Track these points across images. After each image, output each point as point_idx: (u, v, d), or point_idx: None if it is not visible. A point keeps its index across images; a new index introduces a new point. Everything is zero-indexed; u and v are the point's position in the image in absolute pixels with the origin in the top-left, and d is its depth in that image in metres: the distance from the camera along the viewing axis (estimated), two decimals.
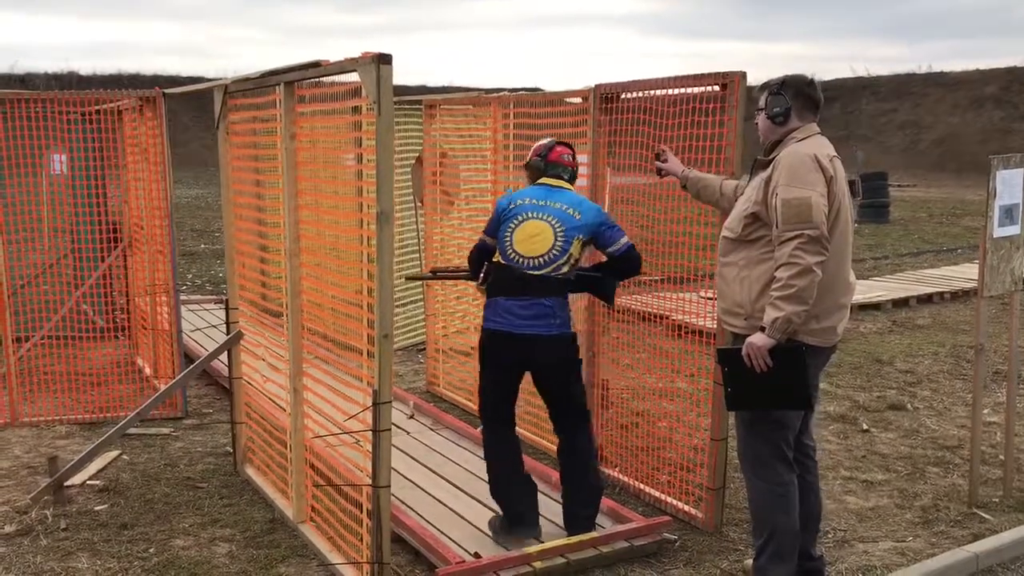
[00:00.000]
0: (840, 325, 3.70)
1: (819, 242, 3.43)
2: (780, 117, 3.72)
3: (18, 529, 4.53)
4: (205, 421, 6.34)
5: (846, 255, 3.69)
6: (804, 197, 3.45)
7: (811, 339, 3.60)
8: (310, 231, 4.34)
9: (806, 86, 3.74)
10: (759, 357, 3.51)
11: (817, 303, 3.51)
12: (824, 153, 3.61)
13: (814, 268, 3.42)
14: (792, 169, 3.53)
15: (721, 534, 4.54)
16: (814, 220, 3.42)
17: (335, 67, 3.75)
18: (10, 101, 6.37)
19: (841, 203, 3.61)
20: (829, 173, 3.56)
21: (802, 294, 3.42)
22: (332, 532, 4.20)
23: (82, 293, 7.70)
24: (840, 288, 3.66)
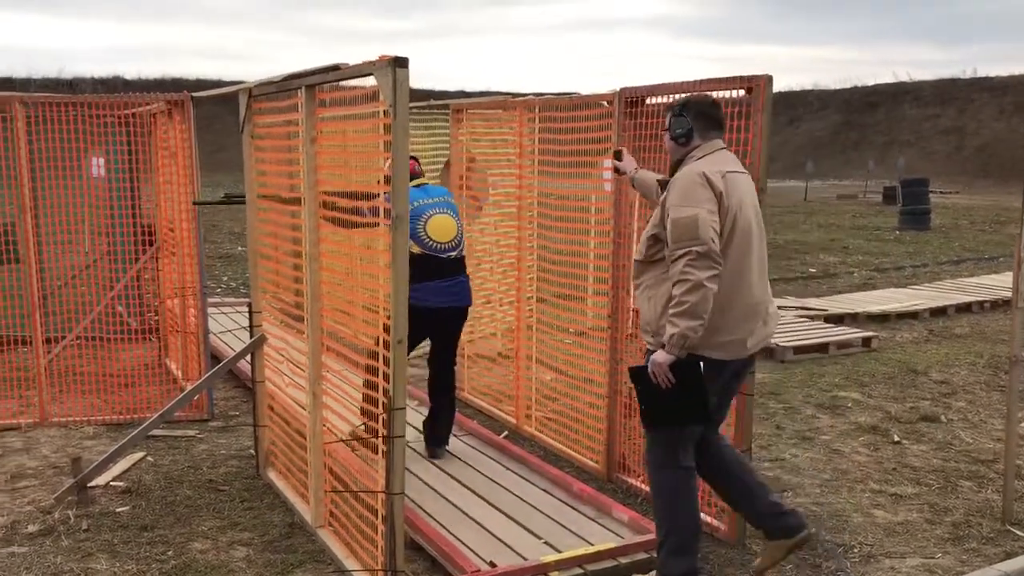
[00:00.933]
0: (751, 339, 3.73)
1: (708, 257, 3.50)
2: (682, 137, 3.83)
3: (41, 529, 4.57)
4: (231, 423, 6.37)
5: (747, 268, 3.70)
6: (692, 215, 3.54)
7: (716, 353, 3.67)
8: (330, 235, 4.32)
9: (708, 106, 3.85)
10: (661, 374, 3.60)
11: (718, 317, 3.58)
12: (716, 170, 3.67)
13: (705, 283, 3.48)
14: (682, 188, 3.64)
15: (743, 546, 4.45)
16: (701, 236, 3.50)
17: (353, 70, 3.74)
18: (43, 104, 6.45)
19: (738, 216, 3.65)
20: (719, 189, 3.61)
21: (695, 309, 3.48)
22: (349, 538, 4.18)
23: (115, 294, 7.78)
24: (742, 302, 3.69)
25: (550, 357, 6.00)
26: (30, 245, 6.21)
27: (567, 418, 5.73)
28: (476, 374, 6.96)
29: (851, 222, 22.92)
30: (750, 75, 4.20)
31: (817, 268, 14.72)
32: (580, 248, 5.70)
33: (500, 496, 4.88)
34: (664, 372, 3.59)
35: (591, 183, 5.77)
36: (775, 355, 8.21)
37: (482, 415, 6.61)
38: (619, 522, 4.51)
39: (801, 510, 4.20)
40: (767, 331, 3.82)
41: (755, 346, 3.78)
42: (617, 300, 5.17)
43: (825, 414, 6.67)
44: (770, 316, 3.84)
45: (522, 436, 6.13)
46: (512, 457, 5.47)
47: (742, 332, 3.70)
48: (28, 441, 5.93)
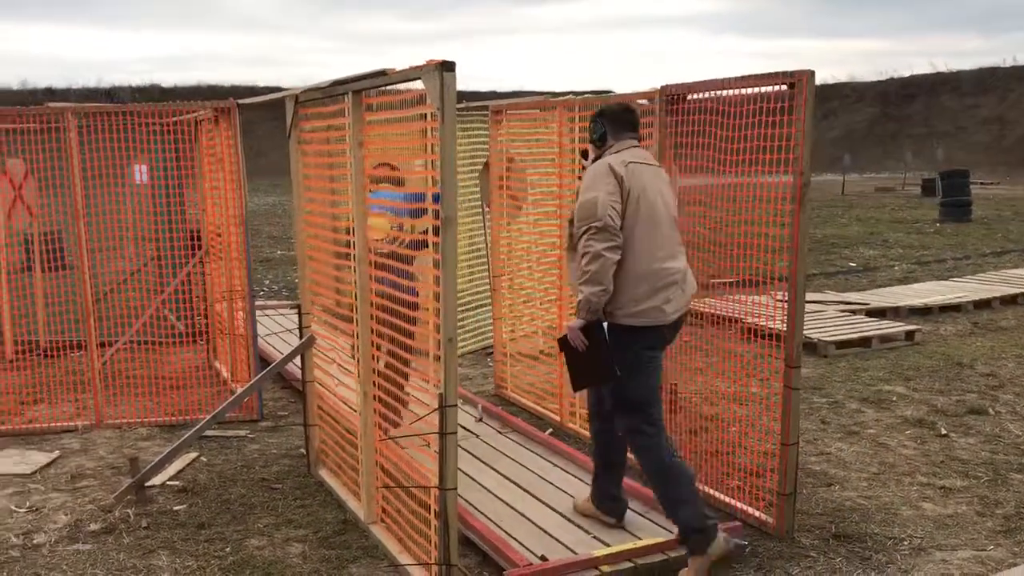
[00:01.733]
0: (669, 305, 4.10)
1: (606, 231, 3.94)
2: (599, 140, 4.31)
3: (103, 527, 4.71)
4: (280, 424, 6.49)
5: (655, 245, 4.09)
6: (593, 197, 4.01)
7: (637, 320, 4.06)
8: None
9: (621, 112, 4.34)
10: (574, 337, 4.03)
11: (631, 289, 4.02)
12: (621, 160, 4.13)
13: (604, 253, 3.93)
14: (589, 178, 4.15)
15: (793, 540, 4.47)
16: (599, 214, 3.95)
17: (400, 75, 3.81)
18: (93, 114, 6.61)
19: (641, 199, 4.07)
20: (619, 175, 4.06)
21: (596, 276, 3.93)
22: (402, 533, 4.26)
23: (163, 299, 7.95)
24: (654, 274, 4.07)
25: None
26: (83, 252, 6.36)
27: (547, 384, 5.75)
28: (519, 372, 7.02)
29: (890, 215, 22.68)
30: (792, 71, 4.22)
31: (857, 262, 14.60)
32: None
33: (547, 492, 4.94)
34: (576, 336, 4.02)
35: None
36: (817, 350, 8.19)
37: (525, 412, 6.67)
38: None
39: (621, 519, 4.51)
40: (686, 298, 4.22)
41: (676, 311, 4.14)
42: None
43: (870, 408, 6.65)
44: (687, 284, 4.23)
45: (566, 433, 6.18)
46: (558, 453, 5.53)
47: (659, 300, 4.07)
48: (85, 442, 6.09)
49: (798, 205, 4.25)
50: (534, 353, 6.93)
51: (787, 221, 4.38)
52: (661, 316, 4.08)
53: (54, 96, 42.59)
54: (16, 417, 6.56)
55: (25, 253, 8.53)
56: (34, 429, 6.33)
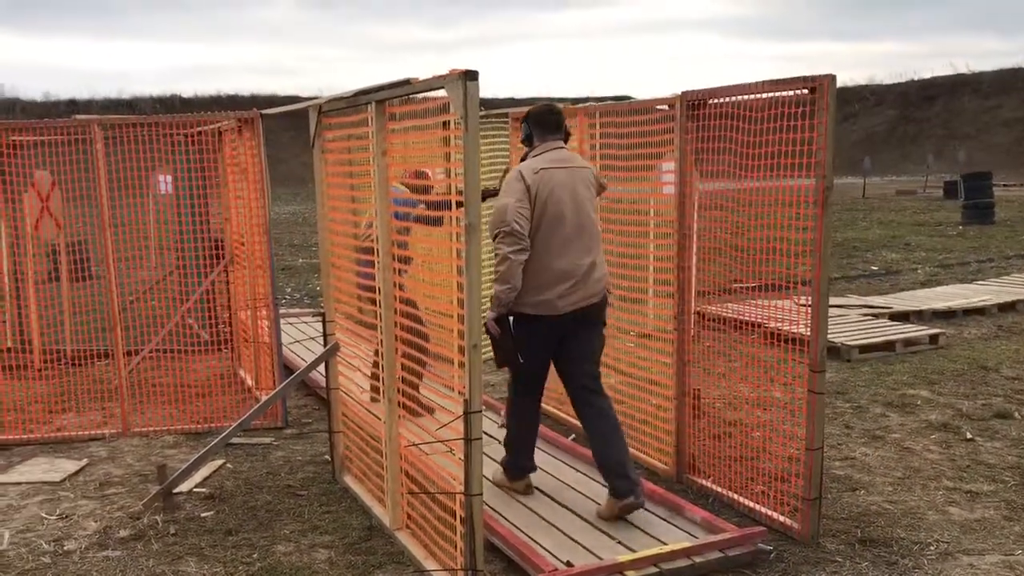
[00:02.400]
0: (562, 301, 4.52)
1: (513, 235, 4.36)
2: (526, 141, 4.71)
3: (132, 534, 4.76)
4: (304, 431, 6.54)
5: (554, 245, 4.47)
6: (503, 204, 4.42)
7: (532, 310, 4.50)
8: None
9: (544, 113, 4.65)
10: (491, 328, 4.49)
11: (531, 283, 4.45)
12: (531, 167, 4.50)
13: (510, 256, 4.36)
14: (505, 184, 4.56)
15: (818, 545, 4.46)
16: (507, 220, 4.36)
17: (424, 84, 3.84)
18: (119, 126, 6.70)
19: (548, 204, 4.44)
20: (528, 183, 4.44)
21: (504, 276, 4.37)
22: (427, 539, 4.28)
23: (187, 308, 8.03)
24: (549, 271, 4.47)
25: (615, 360, 6.05)
26: (110, 262, 6.44)
27: (634, 420, 5.77)
28: None
29: (912, 218, 22.54)
30: (813, 75, 4.22)
31: (879, 265, 14.52)
32: (642, 251, 5.75)
33: (571, 497, 4.95)
34: (492, 326, 4.49)
35: (651, 186, 5.83)
36: (840, 354, 8.16)
37: (547, 418, 6.68)
38: (692, 521, 4.55)
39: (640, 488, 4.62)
40: (583, 293, 4.57)
41: (568, 306, 4.54)
42: (683, 302, 5.21)
43: (894, 412, 6.62)
44: (587, 281, 4.57)
45: None
46: (581, 459, 5.53)
47: (552, 294, 4.49)
48: (113, 450, 6.16)
49: (821, 209, 4.25)
50: None
51: (808, 225, 4.38)
52: (554, 309, 4.51)
53: (77, 107, 43.05)
54: (45, 426, 6.64)
55: (52, 264, 8.64)
56: (62, 437, 6.41)
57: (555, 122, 4.63)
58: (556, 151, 4.59)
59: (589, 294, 4.59)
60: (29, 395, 7.11)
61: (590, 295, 4.59)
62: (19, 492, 5.42)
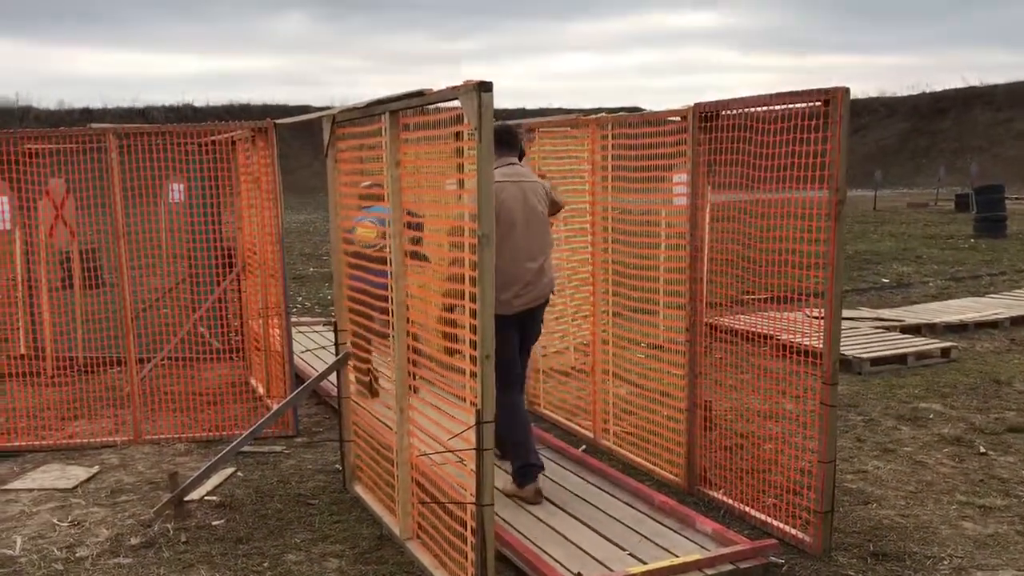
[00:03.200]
0: (517, 300, 4.93)
1: None
2: None
3: (143, 541, 4.77)
4: (315, 439, 6.54)
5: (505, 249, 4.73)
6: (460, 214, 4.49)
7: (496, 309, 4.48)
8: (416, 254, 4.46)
9: (500, 133, 4.79)
10: None
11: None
12: None
13: None
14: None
15: (830, 558, 4.43)
16: None
17: (437, 96, 3.86)
18: (134, 135, 6.74)
19: (500, 213, 4.60)
20: None
21: None
22: (438, 549, 4.28)
23: (199, 316, 8.06)
24: (503, 274, 4.59)
25: (626, 371, 6.05)
26: (124, 270, 6.47)
27: (645, 431, 5.77)
28: (551, 388, 7.03)
29: (923, 231, 22.46)
30: (826, 88, 4.22)
31: (890, 278, 14.47)
32: (653, 263, 5.75)
33: (582, 509, 4.94)
34: None
35: (663, 197, 5.83)
36: (852, 367, 8.13)
37: (557, 429, 6.68)
38: (703, 534, 4.53)
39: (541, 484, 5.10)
40: (534, 294, 5.03)
41: (521, 305, 4.95)
42: (695, 313, 5.21)
43: (906, 426, 6.59)
44: (538, 284, 5.02)
45: (599, 449, 6.18)
46: (592, 470, 5.53)
47: (509, 294, 4.85)
48: (124, 458, 6.18)
49: (834, 221, 4.25)
50: (566, 369, 6.95)
51: (820, 237, 4.37)
52: (508, 307, 4.85)
53: (91, 116, 43.32)
54: (57, 432, 6.67)
55: (65, 271, 8.69)
56: (74, 444, 6.43)
57: (508, 141, 5.03)
58: (509, 166, 4.98)
59: (538, 295, 5.09)
60: (41, 402, 7.14)
61: (539, 296, 5.10)
62: (31, 498, 5.44)
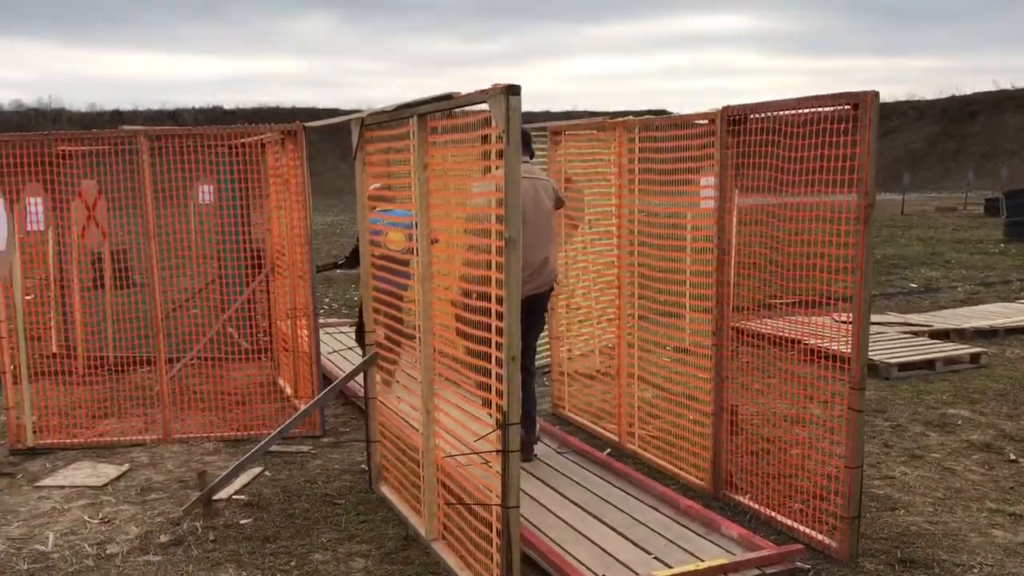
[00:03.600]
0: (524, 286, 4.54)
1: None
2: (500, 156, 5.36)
3: (172, 539, 4.83)
4: (342, 440, 6.59)
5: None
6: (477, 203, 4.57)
7: None
8: (441, 256, 4.49)
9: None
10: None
11: None
12: None
13: None
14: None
15: (857, 564, 4.41)
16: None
17: (466, 99, 3.88)
18: (163, 137, 6.82)
19: None
20: None
21: None
22: (463, 551, 4.30)
23: (228, 317, 8.14)
24: None
25: (652, 374, 6.04)
26: (154, 271, 6.55)
27: (671, 435, 5.76)
28: (576, 391, 7.03)
29: (952, 235, 22.23)
30: (856, 91, 4.20)
31: (918, 283, 14.34)
32: (680, 266, 5.75)
33: (607, 512, 4.94)
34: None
35: (689, 201, 5.82)
36: (880, 372, 8.06)
37: (583, 432, 6.68)
38: (728, 538, 4.52)
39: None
40: (538, 282, 5.37)
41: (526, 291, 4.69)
42: (722, 317, 5.19)
43: (934, 432, 6.53)
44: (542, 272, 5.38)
45: (624, 453, 6.18)
46: (617, 474, 5.53)
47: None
48: (154, 456, 6.25)
49: (863, 225, 4.23)
50: (591, 373, 6.95)
51: (848, 241, 4.35)
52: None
53: (121, 118, 43.82)
54: (88, 431, 6.76)
55: (95, 271, 8.80)
56: (104, 443, 6.52)
57: (524, 141, 5.14)
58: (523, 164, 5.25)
59: (542, 283, 5.44)
60: (73, 400, 7.24)
61: (543, 284, 5.46)
62: (63, 495, 5.52)
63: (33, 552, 4.71)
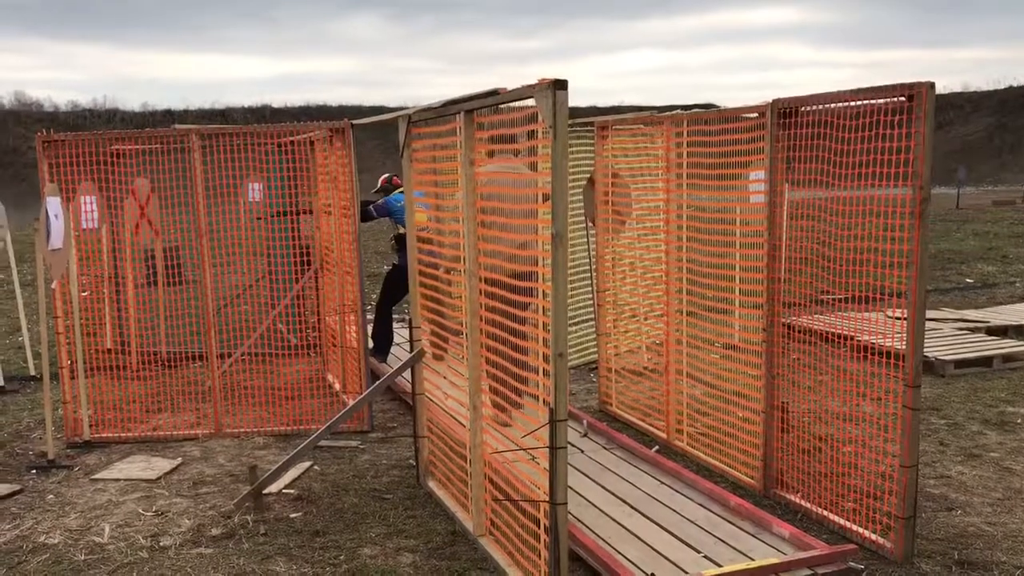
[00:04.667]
0: None
1: None
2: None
3: (223, 532, 4.89)
4: (389, 435, 6.63)
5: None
6: None
7: None
8: (488, 252, 4.47)
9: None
10: None
11: None
12: None
13: None
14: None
15: (912, 564, 4.32)
16: None
17: (513, 94, 3.87)
18: (214, 135, 6.90)
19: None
20: None
21: None
22: (511, 547, 4.30)
23: (278, 313, 8.22)
24: None
25: (700, 371, 5.98)
26: (206, 268, 6.64)
27: (720, 433, 5.69)
28: (624, 388, 6.99)
29: (1009, 229, 21.69)
30: (911, 83, 4.11)
31: (974, 278, 14.02)
32: (729, 261, 5.68)
33: (656, 509, 4.90)
34: None
35: (738, 195, 5.75)
36: (935, 369, 7.90)
37: (631, 429, 6.64)
38: (779, 537, 4.46)
39: None
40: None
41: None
42: (772, 313, 5.12)
43: (992, 430, 6.37)
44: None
45: (673, 450, 6.13)
46: (665, 471, 5.48)
47: None
48: (205, 451, 6.35)
49: (918, 220, 4.13)
50: (639, 369, 6.90)
51: (901, 236, 4.26)
52: None
53: (173, 117, 44.56)
54: (142, 425, 6.89)
55: (148, 268, 8.96)
56: (158, 437, 6.63)
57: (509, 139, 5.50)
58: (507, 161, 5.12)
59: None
60: (127, 395, 7.38)
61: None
62: (118, 488, 5.63)
63: (89, 543, 4.81)
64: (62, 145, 6.62)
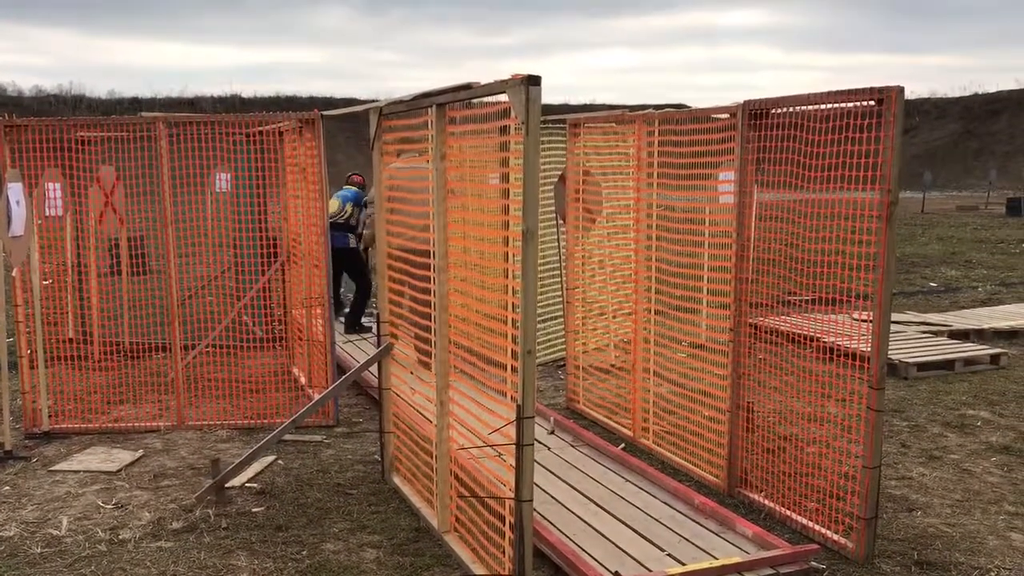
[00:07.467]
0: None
1: None
2: None
3: (184, 526, 4.83)
4: (355, 430, 6.58)
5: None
6: None
7: None
8: (457, 248, 4.45)
9: None
10: None
11: None
12: None
13: None
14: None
15: (872, 565, 4.36)
16: None
17: (485, 89, 3.85)
18: (182, 124, 6.81)
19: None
20: None
21: None
22: (475, 544, 4.28)
23: (243, 305, 8.14)
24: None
25: (667, 370, 6.00)
26: (171, 258, 6.55)
27: (686, 432, 5.72)
28: (590, 386, 7.00)
29: (972, 235, 22.03)
30: (880, 86, 4.14)
31: (938, 282, 14.22)
32: (697, 260, 5.70)
33: (621, 507, 4.91)
34: None
35: (708, 195, 5.77)
36: (898, 371, 7.99)
37: (596, 426, 6.65)
38: (743, 536, 4.48)
39: None
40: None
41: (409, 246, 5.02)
42: (739, 313, 5.14)
43: (953, 433, 6.46)
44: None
45: (638, 448, 6.14)
46: (631, 469, 5.49)
47: None
48: (167, 443, 6.26)
49: (885, 223, 4.17)
50: (606, 367, 6.91)
51: (868, 239, 4.29)
52: None
53: (140, 105, 44.00)
54: (103, 416, 6.78)
55: (112, 257, 8.83)
56: (119, 428, 6.53)
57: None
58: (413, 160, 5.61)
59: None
60: (88, 385, 7.27)
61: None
62: (77, 480, 5.54)
63: (46, 536, 4.73)
64: (25, 130, 6.50)
